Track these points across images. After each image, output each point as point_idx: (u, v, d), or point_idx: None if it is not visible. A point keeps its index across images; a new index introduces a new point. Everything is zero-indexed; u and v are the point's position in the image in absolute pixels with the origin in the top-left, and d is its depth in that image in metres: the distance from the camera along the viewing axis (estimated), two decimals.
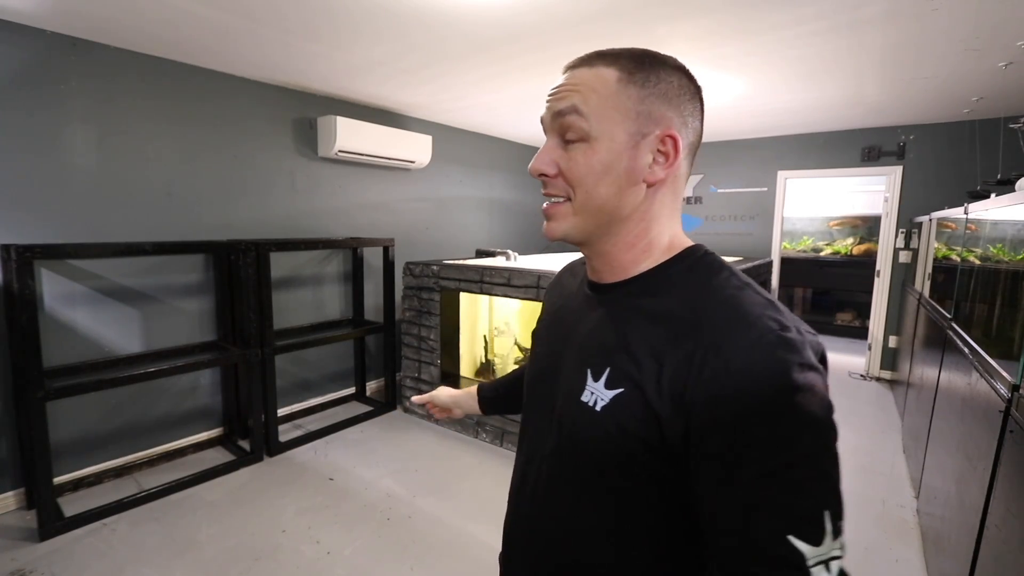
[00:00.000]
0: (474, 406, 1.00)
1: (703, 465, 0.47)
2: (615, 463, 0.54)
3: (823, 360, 0.49)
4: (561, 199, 0.58)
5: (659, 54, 0.57)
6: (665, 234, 0.60)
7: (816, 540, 0.43)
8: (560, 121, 0.57)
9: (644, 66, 0.56)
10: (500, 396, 0.98)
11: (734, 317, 0.49)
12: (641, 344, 0.54)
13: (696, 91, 0.59)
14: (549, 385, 0.65)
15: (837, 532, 0.43)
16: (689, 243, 0.61)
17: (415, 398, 1.07)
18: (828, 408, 0.46)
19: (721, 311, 0.50)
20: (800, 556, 0.42)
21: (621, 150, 0.55)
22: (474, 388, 1.02)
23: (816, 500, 0.44)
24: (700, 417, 0.46)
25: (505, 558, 0.74)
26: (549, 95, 0.59)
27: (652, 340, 0.53)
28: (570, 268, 0.81)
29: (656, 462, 0.51)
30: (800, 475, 0.44)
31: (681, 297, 0.54)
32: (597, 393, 0.55)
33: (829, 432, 0.45)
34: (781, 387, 0.44)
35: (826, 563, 0.43)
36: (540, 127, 0.66)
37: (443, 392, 1.05)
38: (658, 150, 0.56)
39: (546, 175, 0.58)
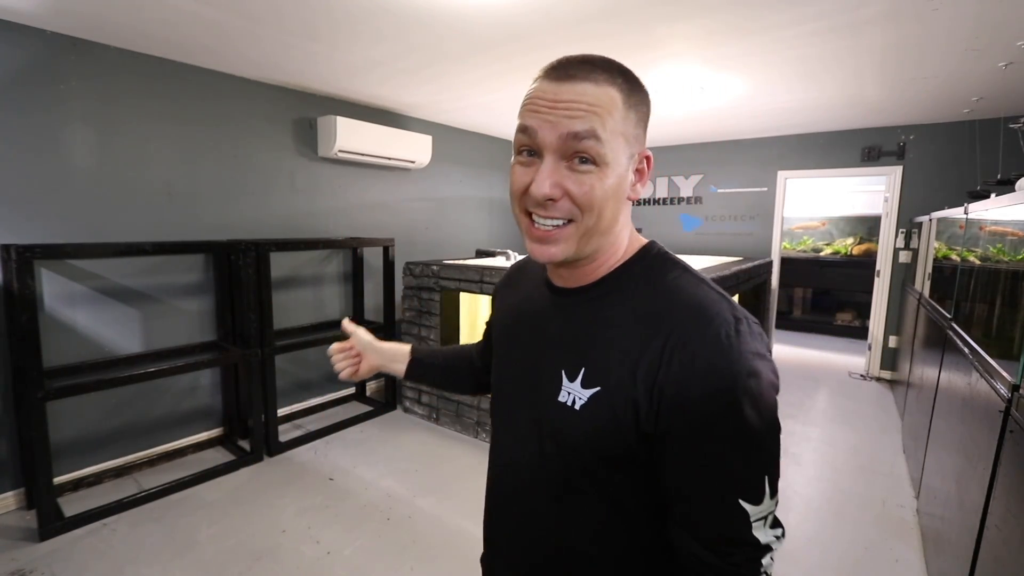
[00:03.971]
0: (397, 366, 0.94)
1: (668, 442, 0.53)
2: (599, 457, 0.57)
3: (766, 342, 0.56)
4: (562, 222, 0.57)
5: (634, 74, 0.59)
6: (627, 237, 0.63)
7: (758, 500, 0.51)
8: (575, 143, 0.54)
9: (636, 89, 0.57)
10: (436, 366, 0.95)
11: (695, 312, 0.54)
12: (612, 343, 0.57)
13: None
14: (521, 388, 0.67)
15: (774, 491, 0.53)
16: (643, 241, 0.64)
17: (333, 346, 0.95)
18: (773, 389, 0.53)
19: (685, 308, 0.55)
20: (745, 514, 0.51)
21: (623, 174, 0.57)
22: (407, 346, 0.96)
23: (759, 468, 0.52)
24: (668, 402, 0.52)
25: (487, 560, 0.76)
26: (552, 106, 0.54)
27: (622, 338, 0.56)
28: (520, 267, 0.82)
29: (637, 450, 0.55)
30: (748, 447, 0.51)
31: (644, 295, 0.58)
32: (574, 393, 0.58)
33: (773, 410, 0.52)
34: (737, 374, 0.50)
35: (764, 518, 0.52)
36: None
37: (365, 335, 0.96)
38: (636, 169, 0.59)
39: (553, 199, 0.56)
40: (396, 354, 0.95)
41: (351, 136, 3.34)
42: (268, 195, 3.19)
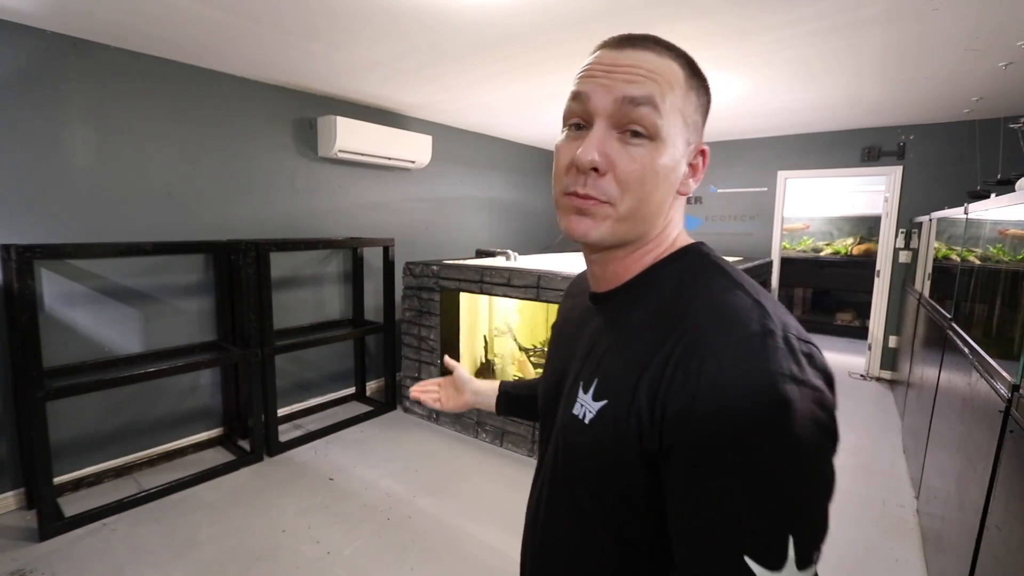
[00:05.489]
0: (489, 401, 0.94)
1: (670, 468, 0.45)
2: (602, 476, 0.51)
3: (826, 374, 0.44)
4: (601, 199, 0.50)
5: (696, 63, 0.55)
6: (673, 236, 0.57)
7: (775, 565, 0.40)
8: (630, 109, 0.48)
9: (698, 74, 0.53)
10: (522, 397, 0.93)
11: (712, 316, 0.46)
12: (625, 352, 0.51)
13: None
14: (552, 403, 0.64)
15: (804, 561, 0.40)
16: (688, 241, 0.58)
17: (415, 389, 0.97)
18: (815, 425, 0.41)
19: (700, 312, 0.47)
20: None
21: (678, 158, 0.52)
22: (496, 382, 0.97)
23: (779, 523, 0.40)
24: (672, 422, 0.44)
25: None
26: (609, 70, 0.50)
27: (634, 347, 0.50)
28: (578, 280, 0.77)
29: (640, 473, 0.48)
30: (761, 491, 0.40)
31: (665, 299, 0.51)
32: (586, 406, 0.53)
33: (810, 454, 0.41)
34: (751, 398, 0.40)
35: None
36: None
37: (462, 372, 0.97)
38: (690, 162, 0.54)
39: (598, 168, 0.49)
40: (486, 389, 0.95)
41: (351, 136, 3.34)
42: (268, 195, 3.19)
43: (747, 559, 0.40)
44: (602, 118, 0.50)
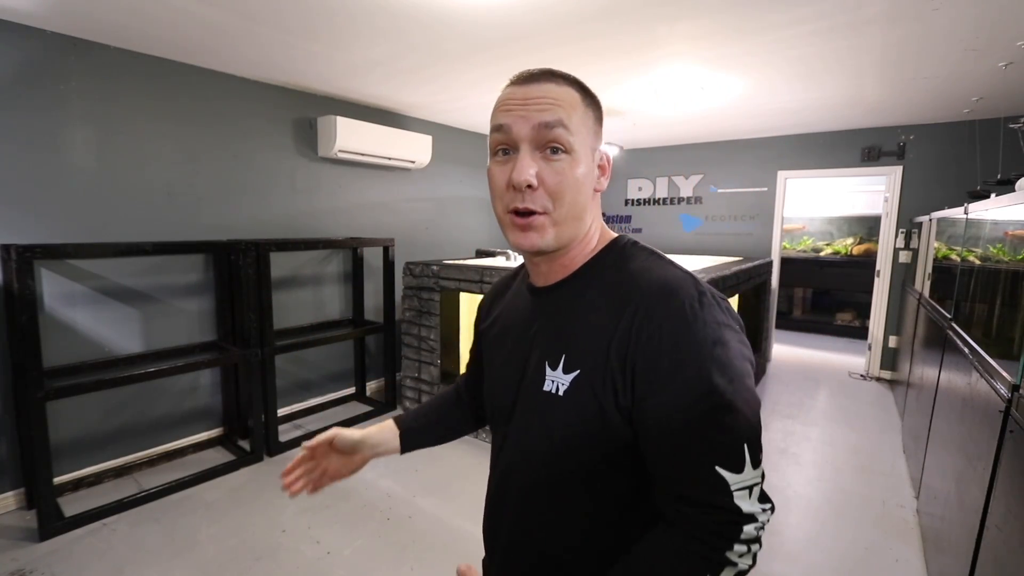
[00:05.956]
0: (389, 447, 0.82)
1: (644, 414, 0.54)
2: (585, 441, 0.58)
3: (737, 318, 0.58)
4: (539, 211, 0.60)
5: (585, 83, 0.65)
6: (597, 228, 0.67)
7: (737, 468, 0.51)
8: (546, 132, 0.59)
9: (588, 94, 0.64)
10: (428, 425, 0.87)
11: (659, 288, 0.57)
12: (588, 327, 0.60)
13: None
14: (511, 391, 0.68)
15: (756, 462, 0.52)
16: (614, 235, 0.69)
17: (305, 444, 0.79)
18: (743, 358, 0.55)
19: (649, 286, 0.58)
20: (724, 482, 0.51)
21: (590, 164, 0.62)
22: (390, 422, 0.85)
23: (736, 435, 0.52)
24: (641, 374, 0.54)
25: (486, 565, 0.76)
26: (523, 103, 0.60)
27: (596, 321, 0.59)
28: (500, 283, 0.85)
29: (619, 428, 0.56)
30: (722, 415, 0.51)
31: (614, 280, 0.62)
32: (557, 380, 0.60)
33: (744, 377, 0.54)
34: (702, 342, 0.52)
35: (748, 488, 0.52)
36: None
37: (341, 432, 0.80)
38: (599, 164, 0.65)
39: (532, 186, 0.59)
40: (383, 436, 0.83)
41: (351, 136, 3.34)
42: (268, 195, 3.19)
43: (718, 469, 0.51)
44: (525, 143, 0.60)
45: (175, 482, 2.49)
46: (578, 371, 0.59)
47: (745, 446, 0.52)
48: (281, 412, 3.25)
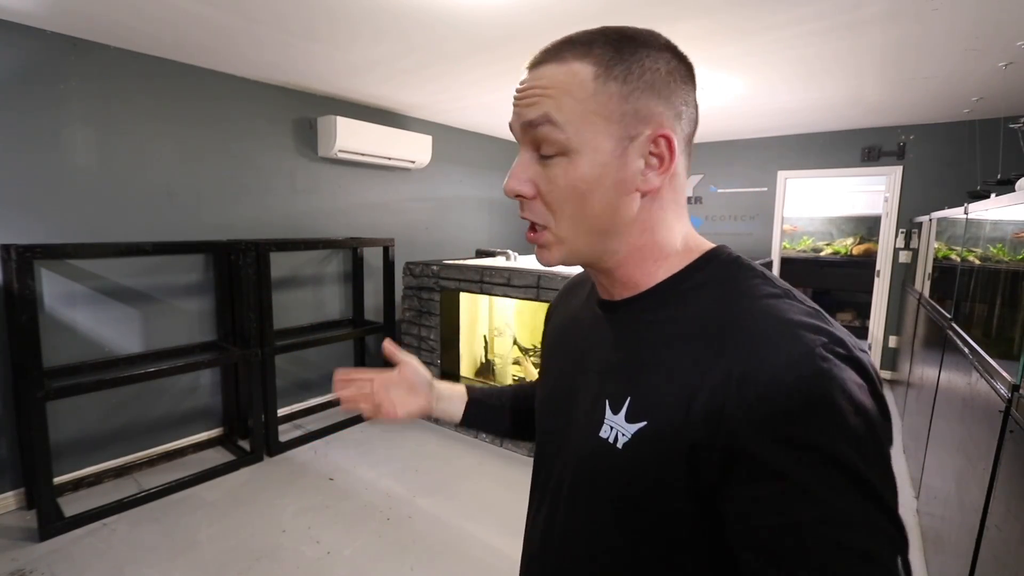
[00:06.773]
0: (453, 409, 0.77)
1: (741, 499, 0.40)
2: (638, 505, 0.46)
3: (881, 393, 0.41)
4: (541, 225, 0.50)
5: (638, 32, 0.49)
6: (676, 239, 0.51)
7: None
8: (533, 133, 0.47)
9: (623, 54, 0.47)
10: (493, 408, 0.80)
11: (773, 330, 0.41)
12: (664, 367, 0.46)
13: (688, 71, 0.50)
14: (562, 415, 0.58)
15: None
16: (709, 245, 0.52)
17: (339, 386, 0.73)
18: (886, 433, 0.40)
19: (757, 323, 0.43)
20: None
21: (608, 161, 0.46)
22: (460, 385, 0.80)
23: (887, 543, 0.38)
24: (740, 446, 0.39)
25: None
26: (518, 96, 0.49)
27: (676, 362, 0.45)
28: (574, 283, 0.71)
29: (685, 502, 0.43)
30: (862, 514, 0.37)
31: (705, 309, 0.46)
32: (617, 428, 0.47)
33: (887, 462, 0.40)
34: (832, 413, 0.37)
35: None
36: None
37: (418, 366, 0.75)
38: (650, 153, 0.47)
39: (523, 196, 0.49)
40: (452, 392, 0.77)
41: (351, 136, 3.34)
42: (268, 195, 3.19)
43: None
44: (523, 144, 0.50)
45: (175, 482, 2.49)
46: (644, 423, 0.45)
47: (899, 560, 0.38)
48: (281, 412, 3.25)
